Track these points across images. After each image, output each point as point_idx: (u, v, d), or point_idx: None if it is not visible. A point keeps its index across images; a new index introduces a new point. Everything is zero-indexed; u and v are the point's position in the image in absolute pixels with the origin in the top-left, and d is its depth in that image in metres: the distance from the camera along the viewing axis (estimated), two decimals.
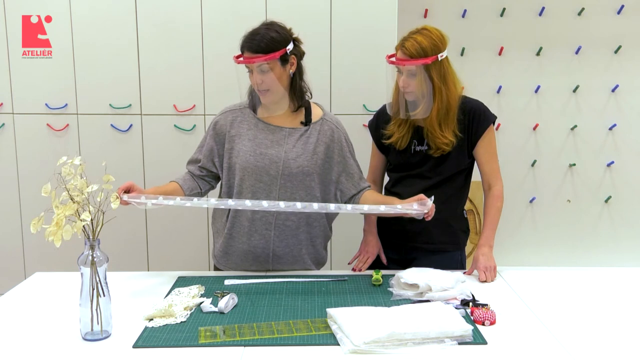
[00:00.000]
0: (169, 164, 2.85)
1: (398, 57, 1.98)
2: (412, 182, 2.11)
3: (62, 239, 1.46)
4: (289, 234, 2.03)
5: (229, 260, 2.09)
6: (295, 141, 2.01)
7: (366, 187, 2.08)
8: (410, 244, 2.15)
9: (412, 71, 1.96)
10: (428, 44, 1.94)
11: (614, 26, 3.14)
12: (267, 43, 1.91)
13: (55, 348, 1.48)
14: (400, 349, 1.43)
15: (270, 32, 1.93)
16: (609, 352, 1.45)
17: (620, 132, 3.24)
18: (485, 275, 1.98)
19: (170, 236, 2.93)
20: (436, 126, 2.01)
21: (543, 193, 3.31)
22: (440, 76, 1.98)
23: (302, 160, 1.99)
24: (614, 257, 3.32)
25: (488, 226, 2.10)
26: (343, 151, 2.05)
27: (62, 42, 2.79)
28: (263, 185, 1.99)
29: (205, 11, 2.77)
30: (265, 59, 1.90)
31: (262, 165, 1.98)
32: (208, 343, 1.49)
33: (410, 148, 2.10)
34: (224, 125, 2.05)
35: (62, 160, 1.52)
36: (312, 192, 2.02)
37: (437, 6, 3.13)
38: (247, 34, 1.96)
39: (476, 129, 2.07)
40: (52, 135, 2.86)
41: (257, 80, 1.94)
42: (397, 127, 2.09)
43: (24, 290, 1.91)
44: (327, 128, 2.05)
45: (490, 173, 2.12)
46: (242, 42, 1.95)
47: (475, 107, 2.08)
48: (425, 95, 1.98)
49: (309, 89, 2.06)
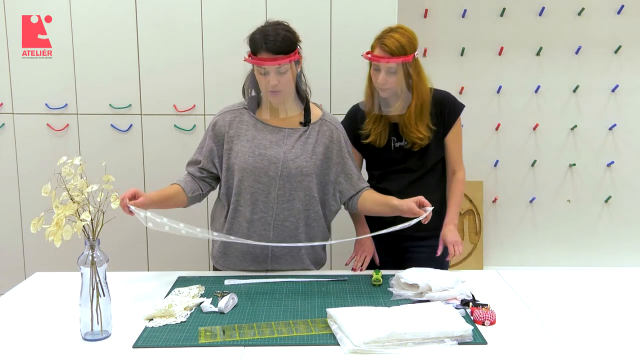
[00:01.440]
0: (169, 164, 2.85)
1: (377, 54, 2.03)
2: (397, 176, 2.17)
3: (62, 239, 1.46)
4: (288, 234, 2.02)
5: (227, 260, 2.08)
6: (294, 142, 2.00)
7: (364, 188, 2.08)
8: (402, 232, 2.15)
9: (391, 69, 2.01)
10: (406, 41, 2.01)
11: (614, 26, 3.15)
12: (287, 43, 1.88)
13: (55, 348, 1.48)
14: (400, 349, 1.43)
15: (284, 31, 1.91)
16: (609, 352, 1.45)
17: (620, 132, 3.25)
18: (454, 249, 2.08)
19: (170, 236, 2.88)
20: (412, 121, 2.08)
21: (543, 193, 3.31)
22: (417, 73, 2.05)
23: (301, 161, 1.98)
24: (614, 257, 3.33)
25: (453, 207, 2.17)
26: (342, 152, 2.05)
27: (62, 42, 2.79)
28: (262, 186, 1.98)
29: (205, 11, 2.77)
30: (288, 60, 1.88)
31: (261, 166, 1.97)
32: (208, 343, 1.49)
33: (390, 145, 2.14)
34: (222, 126, 2.03)
35: (62, 160, 1.52)
36: (311, 192, 2.01)
37: (437, 6, 3.13)
38: (258, 34, 1.90)
39: (448, 119, 2.15)
40: (52, 135, 2.86)
41: (273, 82, 1.90)
42: (373, 124, 2.13)
43: (24, 290, 1.91)
44: (326, 129, 2.04)
45: (457, 159, 2.20)
46: (256, 43, 1.89)
47: (444, 97, 2.17)
48: (403, 91, 2.05)
49: (309, 87, 2.06)
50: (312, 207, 2.03)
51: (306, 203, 2.02)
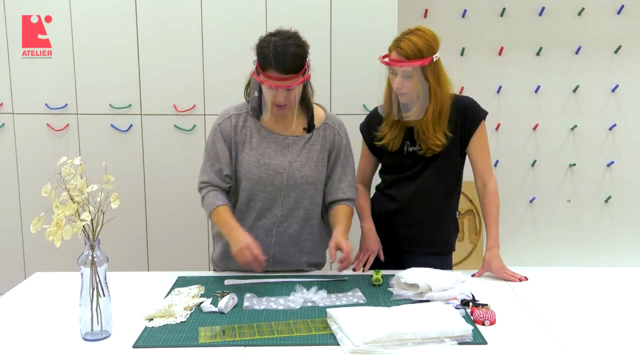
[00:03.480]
0: (169, 164, 2.85)
1: (393, 58, 1.97)
2: (403, 184, 2.12)
3: (62, 239, 1.46)
4: (290, 241, 2.02)
5: (227, 264, 2.07)
6: (299, 150, 1.98)
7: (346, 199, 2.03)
8: (402, 247, 2.15)
9: (407, 72, 1.94)
10: (423, 44, 1.93)
11: (614, 26, 3.14)
12: (297, 62, 1.82)
13: (55, 348, 1.48)
14: (400, 349, 1.43)
15: (294, 47, 1.83)
16: (609, 352, 1.45)
17: (620, 132, 3.24)
18: (514, 277, 1.97)
19: (170, 236, 2.93)
20: (430, 127, 2.00)
21: (543, 193, 3.31)
22: (435, 77, 1.97)
23: (307, 170, 1.98)
24: (614, 257, 3.32)
25: (493, 227, 2.07)
26: (342, 158, 2.04)
27: (62, 42, 2.79)
28: (267, 195, 1.98)
29: (205, 11, 2.76)
30: (298, 83, 1.84)
31: (267, 176, 1.96)
32: (208, 343, 1.49)
33: (403, 149, 2.09)
34: (230, 131, 1.98)
35: (62, 160, 1.52)
36: (315, 200, 2.02)
37: (437, 6, 3.13)
38: (267, 49, 1.82)
39: (469, 126, 2.05)
40: (52, 135, 2.86)
41: (280, 99, 1.86)
42: (389, 128, 2.08)
43: (24, 290, 1.91)
44: (329, 133, 2.03)
45: (484, 170, 2.09)
46: (265, 60, 1.82)
47: (466, 104, 2.07)
48: (420, 96, 1.97)
49: (313, 95, 2.03)
50: (315, 214, 2.04)
51: (310, 211, 2.02)
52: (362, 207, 2.17)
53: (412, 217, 2.11)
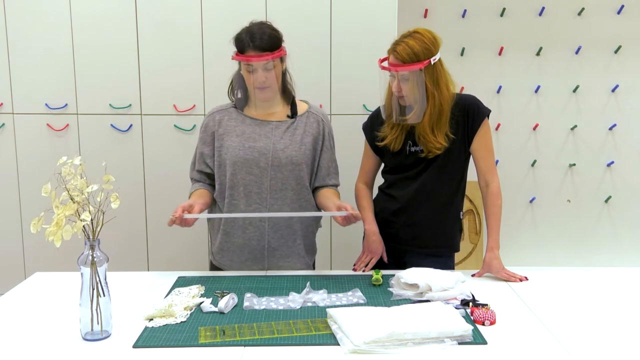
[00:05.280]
0: (169, 164, 2.85)
1: (390, 61, 1.97)
2: (404, 184, 2.11)
3: (62, 239, 1.46)
4: (283, 224, 2.08)
5: (224, 256, 2.12)
6: (282, 133, 2.06)
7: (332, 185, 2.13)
8: (404, 247, 2.15)
9: (404, 76, 1.95)
10: (420, 48, 1.92)
11: (614, 26, 3.15)
12: (273, 40, 1.97)
13: (55, 348, 1.48)
14: (400, 349, 1.43)
15: (269, 29, 2.00)
16: (609, 352, 1.45)
17: (620, 132, 3.25)
18: (510, 277, 1.97)
19: (170, 236, 2.93)
20: (428, 130, 2.00)
21: (543, 193, 3.31)
22: (433, 80, 1.96)
23: (291, 151, 2.04)
24: (614, 257, 3.33)
25: (494, 228, 2.07)
26: (326, 144, 2.12)
27: (62, 42, 2.79)
28: (254, 178, 2.04)
29: (205, 11, 2.77)
30: (273, 57, 1.96)
31: (252, 157, 2.03)
32: (208, 343, 1.49)
33: (405, 149, 2.09)
34: (212, 126, 2.11)
35: (62, 160, 1.52)
36: (302, 181, 2.07)
37: (437, 6, 3.13)
38: (244, 34, 1.99)
39: (472, 124, 2.04)
40: (52, 135, 2.86)
41: (260, 78, 1.99)
42: (391, 129, 2.08)
43: (24, 290, 1.91)
44: (313, 120, 2.11)
45: (487, 169, 2.09)
46: (242, 42, 1.99)
47: (469, 102, 2.05)
48: (418, 100, 1.97)
49: (293, 83, 2.13)
50: (304, 196, 2.08)
51: (298, 192, 2.07)
52: (365, 208, 2.17)
53: (413, 217, 2.11)
